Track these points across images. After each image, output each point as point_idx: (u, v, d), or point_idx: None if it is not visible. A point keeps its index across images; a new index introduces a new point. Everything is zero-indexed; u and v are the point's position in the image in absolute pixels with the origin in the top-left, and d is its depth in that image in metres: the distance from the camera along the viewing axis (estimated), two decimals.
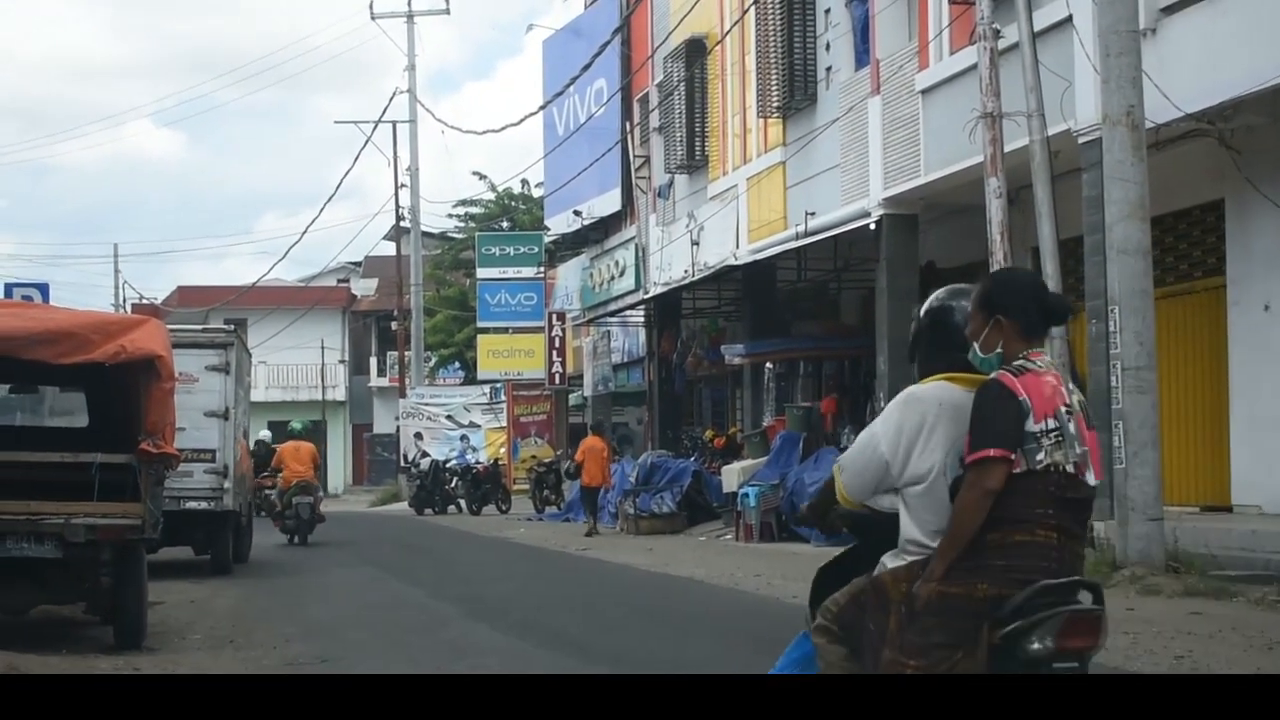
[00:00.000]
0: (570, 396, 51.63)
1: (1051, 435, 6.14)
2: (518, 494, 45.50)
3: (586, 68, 36.96)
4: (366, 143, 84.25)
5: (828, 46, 29.42)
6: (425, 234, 63.64)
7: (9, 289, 40.04)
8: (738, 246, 32.95)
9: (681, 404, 40.82)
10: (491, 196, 66.46)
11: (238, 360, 24.14)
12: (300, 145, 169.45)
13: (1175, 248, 22.02)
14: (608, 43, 36.66)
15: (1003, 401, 6.14)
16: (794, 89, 30.25)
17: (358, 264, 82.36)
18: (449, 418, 54.87)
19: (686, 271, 35.71)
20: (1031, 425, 6.11)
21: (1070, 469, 6.18)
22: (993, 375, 6.26)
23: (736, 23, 32.74)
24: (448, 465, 46.53)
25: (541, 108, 44.39)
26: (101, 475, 14.44)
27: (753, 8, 31.47)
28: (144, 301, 78.45)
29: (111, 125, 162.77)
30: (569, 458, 39.18)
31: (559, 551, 28.37)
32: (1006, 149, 20.29)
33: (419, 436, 53.04)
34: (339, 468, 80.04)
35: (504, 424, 51.72)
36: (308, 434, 34.55)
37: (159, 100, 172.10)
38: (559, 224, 48.52)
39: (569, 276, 49.24)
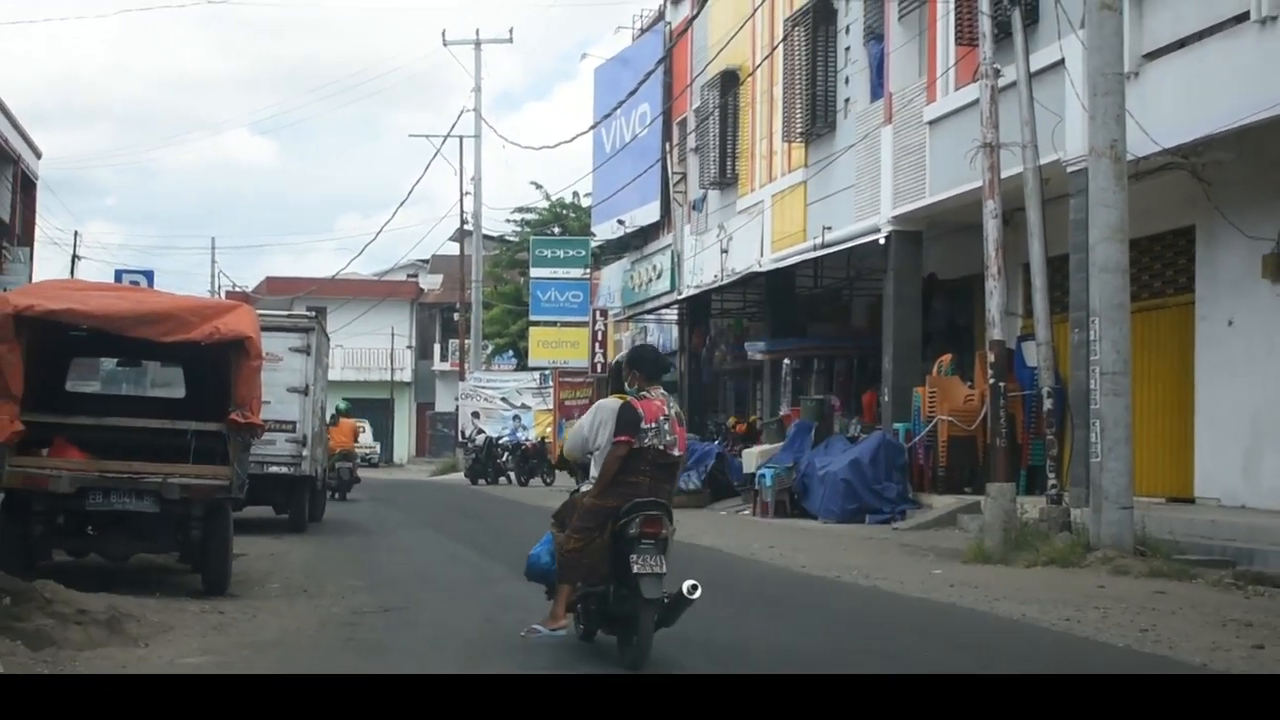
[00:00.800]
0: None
1: (652, 430, 10.61)
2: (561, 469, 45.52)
3: (632, 93, 36.95)
4: (436, 154, 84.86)
5: (847, 80, 29.38)
6: (486, 236, 63.66)
7: (119, 275, 40.26)
8: (762, 255, 32.92)
9: (708, 393, 40.79)
10: (545, 205, 66.49)
11: (318, 343, 24.20)
12: (377, 155, 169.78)
13: (1150, 267, 21.96)
14: (651, 72, 36.63)
15: (630, 412, 10.63)
16: (815, 117, 30.21)
17: (425, 261, 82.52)
18: (503, 399, 54.89)
19: (716, 276, 35.69)
20: (644, 425, 10.59)
21: (662, 447, 10.67)
22: (629, 399, 10.75)
23: (766, 57, 32.71)
24: (500, 441, 46.54)
25: (592, 128, 44.39)
26: (195, 441, 14.51)
27: (781, 44, 31.45)
28: (236, 289, 78.70)
29: (213, 133, 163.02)
30: None
31: None
32: (1003, 175, 20.25)
33: (476, 415, 53.05)
34: (404, 441, 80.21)
35: (551, 406, 51.75)
36: (350, 412, 36.55)
37: (255, 111, 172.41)
38: (604, 231, 48.50)
39: (612, 278, 49.21)
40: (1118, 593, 14.48)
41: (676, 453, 10.77)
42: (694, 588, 10.04)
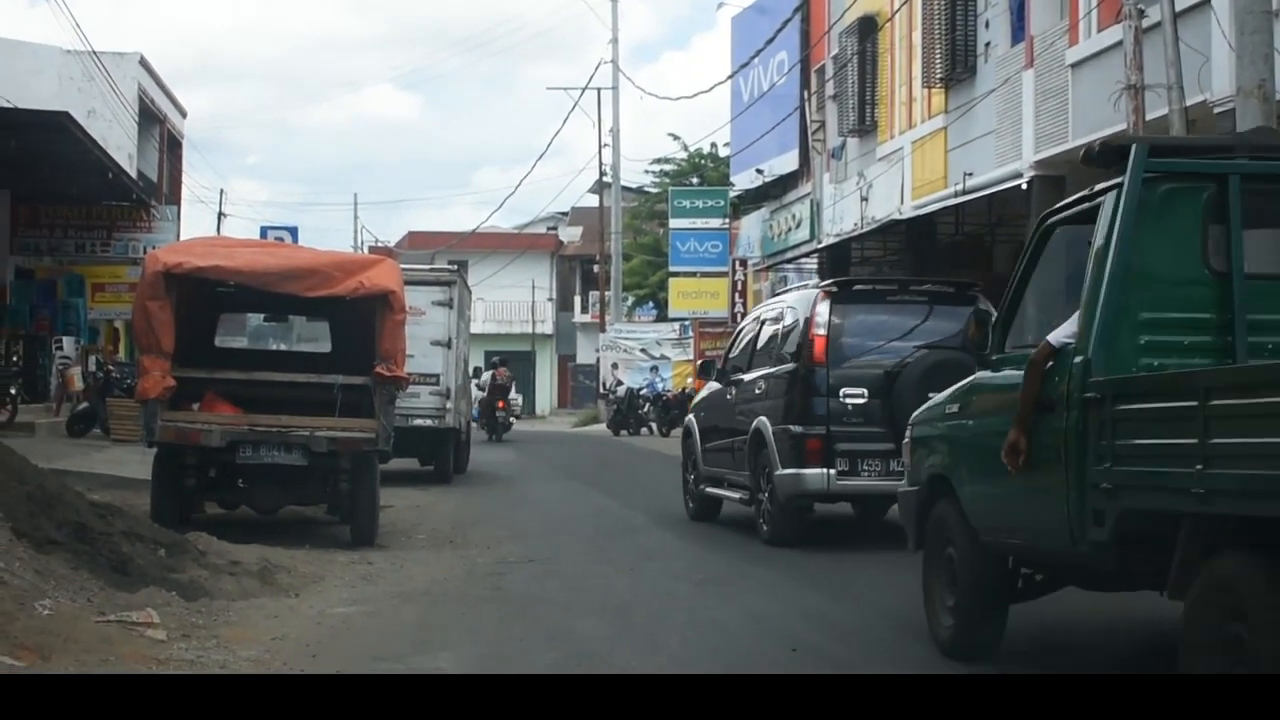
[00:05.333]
0: None
1: (500, 379, 38.94)
2: None
3: (770, 41, 36.82)
4: (574, 107, 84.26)
5: (987, 24, 29.04)
6: (624, 188, 63.68)
7: (264, 231, 40.86)
8: (902, 202, 32.67)
9: None
10: (684, 155, 66.24)
11: (460, 296, 24.39)
12: (515, 109, 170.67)
13: None
14: (789, 19, 36.46)
15: (493, 371, 39.22)
16: (955, 62, 29.89)
17: (565, 214, 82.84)
18: (642, 350, 54.97)
19: (856, 224, 35.49)
20: (498, 378, 37.80)
21: (503, 384, 39.29)
22: (495, 369, 38.42)
23: (905, 2, 32.40)
24: (640, 392, 46.66)
25: (729, 77, 44.25)
26: (342, 395, 14.73)
27: None
28: (379, 244, 79.43)
29: (352, 90, 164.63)
30: None
31: None
32: (1147, 118, 19.94)
33: (615, 366, 53.24)
34: (545, 392, 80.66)
35: (691, 357, 51.80)
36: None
37: (394, 68, 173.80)
38: (743, 180, 48.32)
39: (751, 227, 49.05)
40: None
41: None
42: None
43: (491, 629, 9.94)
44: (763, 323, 16.84)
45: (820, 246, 38.76)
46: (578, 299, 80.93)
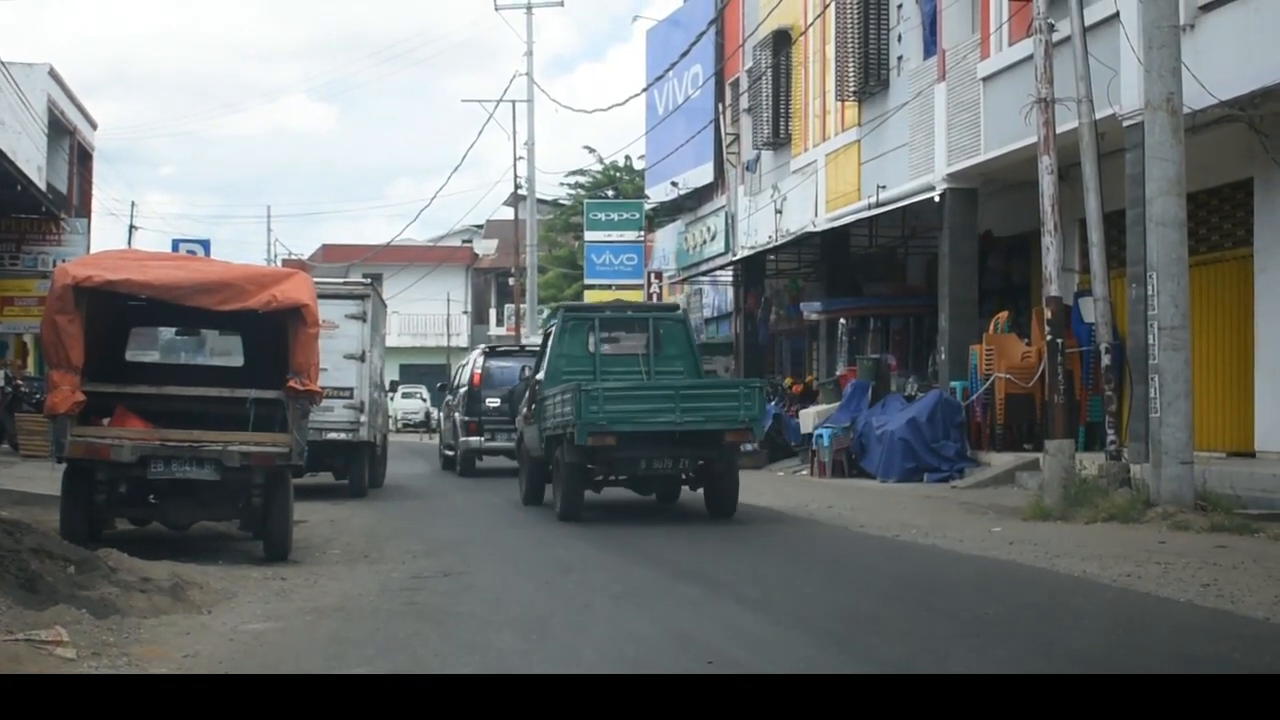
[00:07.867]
0: None
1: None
2: None
3: (685, 55, 36.89)
4: (489, 119, 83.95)
5: (899, 38, 29.24)
6: (540, 201, 63.57)
7: (176, 244, 40.58)
8: (816, 215, 32.82)
9: (764, 354, 40.73)
10: (599, 168, 66.28)
11: (374, 310, 24.31)
12: (431, 120, 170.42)
13: (1208, 220, 21.80)
14: (703, 33, 36.54)
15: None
16: (868, 75, 30.08)
17: (480, 226, 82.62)
18: None
19: (770, 237, 35.62)
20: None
21: None
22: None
23: (819, 16, 32.58)
24: None
25: (644, 90, 44.33)
26: (255, 409, 14.60)
27: (833, 2, 31.31)
28: (293, 257, 79.12)
29: (267, 100, 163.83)
30: None
31: None
32: (1058, 131, 20.10)
33: None
34: None
35: None
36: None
37: (310, 79, 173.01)
38: (658, 193, 48.43)
39: (666, 240, 49.15)
40: (1178, 548, 14.41)
41: None
42: None
43: (407, 643, 9.86)
44: (463, 365, 31.96)
45: (735, 259, 38.92)
46: (493, 312, 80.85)
